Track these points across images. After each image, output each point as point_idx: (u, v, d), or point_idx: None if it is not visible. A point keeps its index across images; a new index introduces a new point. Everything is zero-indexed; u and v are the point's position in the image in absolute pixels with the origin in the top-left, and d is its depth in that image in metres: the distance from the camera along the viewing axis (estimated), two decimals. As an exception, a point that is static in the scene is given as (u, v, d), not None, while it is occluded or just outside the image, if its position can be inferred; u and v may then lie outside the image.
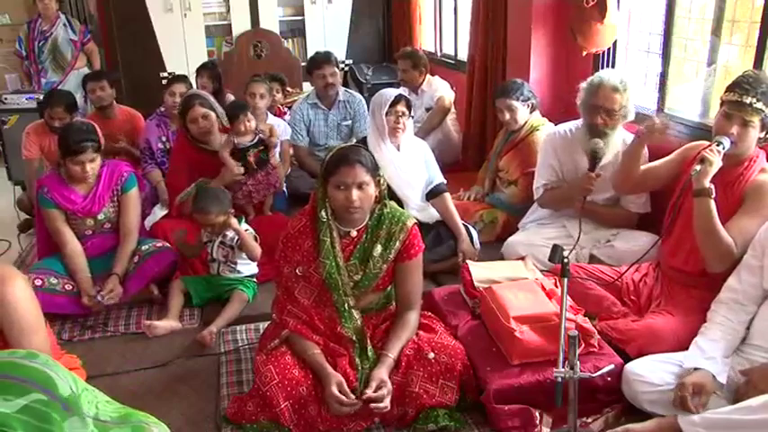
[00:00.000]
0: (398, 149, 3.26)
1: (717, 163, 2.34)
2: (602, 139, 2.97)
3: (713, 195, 2.34)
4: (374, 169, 2.26)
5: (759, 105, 2.34)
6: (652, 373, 2.16)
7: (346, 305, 2.31)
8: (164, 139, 4.20)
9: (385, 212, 2.34)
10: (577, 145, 3.12)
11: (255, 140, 3.53)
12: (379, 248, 2.31)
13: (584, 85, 3.06)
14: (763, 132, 2.40)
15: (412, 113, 3.32)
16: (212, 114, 3.53)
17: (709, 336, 2.20)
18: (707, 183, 2.34)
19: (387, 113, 3.18)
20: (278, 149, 3.78)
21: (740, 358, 2.18)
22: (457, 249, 3.28)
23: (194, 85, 4.59)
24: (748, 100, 2.33)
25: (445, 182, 3.39)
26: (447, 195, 3.36)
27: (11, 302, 1.79)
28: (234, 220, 3.01)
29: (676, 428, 1.98)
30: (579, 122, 3.16)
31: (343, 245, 2.31)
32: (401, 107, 3.20)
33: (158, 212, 3.81)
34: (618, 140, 3.03)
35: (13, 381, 1.02)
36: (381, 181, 2.30)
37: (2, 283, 1.80)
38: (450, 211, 3.33)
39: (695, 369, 2.11)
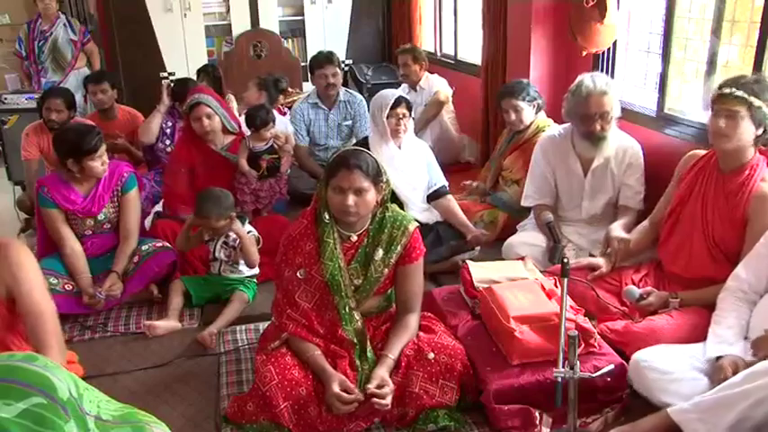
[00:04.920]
0: (400, 148, 3.26)
1: (652, 302, 2.51)
2: (601, 143, 2.98)
3: (677, 297, 2.48)
4: (375, 175, 2.25)
5: (740, 93, 2.34)
6: (663, 361, 2.16)
7: (347, 308, 2.31)
8: (169, 123, 4.21)
9: (387, 216, 2.34)
10: (568, 148, 3.13)
11: (269, 146, 3.54)
12: (380, 253, 2.31)
13: (569, 95, 3.05)
14: (760, 129, 2.38)
15: (413, 114, 3.31)
16: (216, 116, 3.52)
17: (725, 323, 2.21)
18: (673, 304, 2.48)
19: (388, 116, 3.18)
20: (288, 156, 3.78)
21: None
22: (467, 243, 3.27)
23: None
24: (728, 90, 2.37)
25: (447, 184, 3.39)
26: (450, 197, 3.36)
27: (23, 266, 1.94)
28: (237, 224, 3.00)
29: (668, 421, 1.98)
30: (568, 125, 3.16)
31: (345, 249, 2.30)
32: (402, 109, 3.20)
33: (159, 209, 3.79)
34: (614, 141, 3.03)
35: (12, 384, 1.02)
36: (384, 186, 2.30)
37: (4, 247, 1.93)
38: (453, 211, 3.33)
39: (718, 357, 2.11)
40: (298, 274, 2.29)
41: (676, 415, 1.95)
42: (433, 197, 3.36)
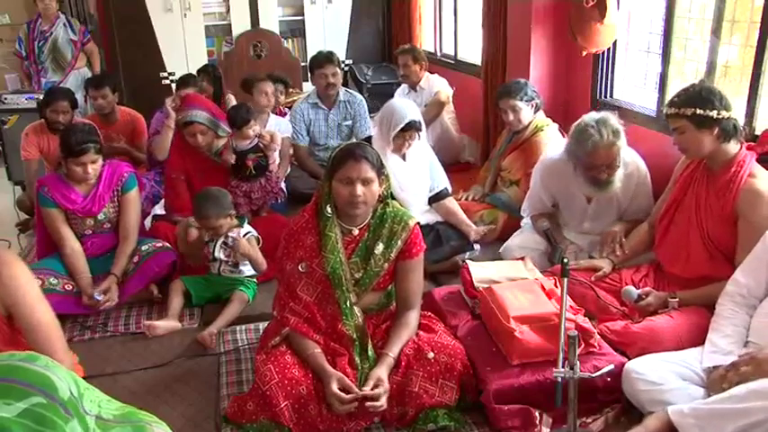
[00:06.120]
0: (404, 159, 3.24)
1: (651, 302, 2.51)
2: (607, 187, 2.83)
3: (675, 297, 2.48)
4: (379, 167, 2.26)
5: (673, 111, 2.45)
6: (653, 372, 2.16)
7: (348, 302, 2.31)
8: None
9: (387, 211, 2.35)
10: (570, 177, 2.95)
11: (254, 145, 3.54)
12: (380, 247, 2.31)
13: (572, 140, 2.82)
14: (715, 130, 2.39)
15: (419, 136, 3.25)
16: (210, 131, 3.50)
17: (722, 331, 2.21)
18: (672, 304, 2.47)
19: (395, 136, 3.14)
20: (277, 153, 3.78)
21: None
22: (469, 243, 3.28)
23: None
24: (665, 111, 2.51)
25: (449, 187, 3.38)
26: (451, 199, 3.36)
27: (17, 280, 1.85)
28: (245, 247, 2.97)
29: (665, 421, 1.99)
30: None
31: (345, 242, 2.31)
32: (411, 132, 3.16)
33: (158, 212, 3.80)
34: (620, 174, 2.83)
35: (13, 384, 1.02)
36: (384, 179, 2.31)
37: (2, 264, 1.85)
38: (453, 212, 3.33)
39: (715, 367, 2.11)
40: (299, 267, 2.29)
41: (674, 416, 1.96)
42: (434, 199, 3.35)
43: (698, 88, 2.45)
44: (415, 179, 3.27)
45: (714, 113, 2.37)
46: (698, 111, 2.38)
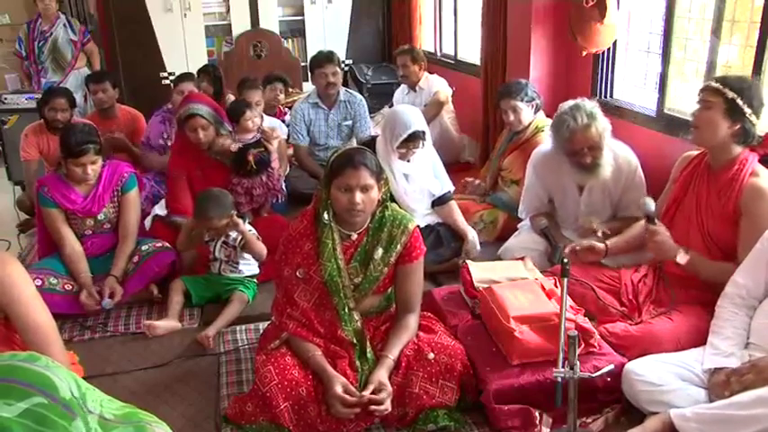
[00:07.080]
0: (409, 161, 3.23)
1: (661, 232, 2.51)
2: (596, 171, 2.87)
3: (686, 251, 2.46)
4: (378, 173, 2.25)
5: (716, 85, 2.40)
6: (652, 373, 2.16)
7: (347, 308, 2.30)
8: (165, 136, 4.20)
9: (386, 215, 2.33)
10: (561, 166, 3.00)
11: (256, 140, 3.54)
12: (380, 251, 2.30)
13: (552, 130, 2.93)
14: (736, 125, 2.39)
15: (423, 144, 3.22)
16: (212, 127, 3.49)
17: (723, 334, 2.21)
18: (681, 257, 2.46)
19: (398, 146, 3.12)
20: (274, 148, 3.78)
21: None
22: (462, 249, 3.27)
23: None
24: (708, 83, 2.46)
25: (452, 189, 3.38)
26: (453, 203, 3.35)
27: (11, 278, 1.84)
28: (239, 221, 3.00)
29: (666, 423, 1.98)
30: None
31: (344, 248, 2.30)
32: (415, 142, 3.12)
33: (158, 212, 3.79)
34: (608, 158, 2.89)
35: (13, 384, 1.02)
36: (383, 184, 2.29)
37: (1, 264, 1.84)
38: (454, 218, 3.32)
39: (716, 369, 2.11)
40: (297, 273, 2.29)
41: (677, 419, 1.96)
42: (437, 203, 3.34)
43: (749, 83, 2.43)
44: (418, 183, 3.26)
45: (748, 111, 2.36)
46: (738, 99, 2.36)
